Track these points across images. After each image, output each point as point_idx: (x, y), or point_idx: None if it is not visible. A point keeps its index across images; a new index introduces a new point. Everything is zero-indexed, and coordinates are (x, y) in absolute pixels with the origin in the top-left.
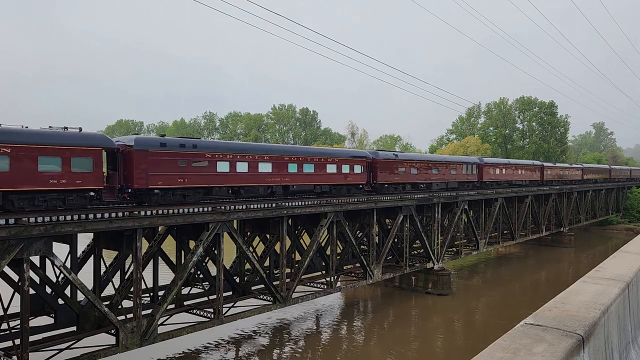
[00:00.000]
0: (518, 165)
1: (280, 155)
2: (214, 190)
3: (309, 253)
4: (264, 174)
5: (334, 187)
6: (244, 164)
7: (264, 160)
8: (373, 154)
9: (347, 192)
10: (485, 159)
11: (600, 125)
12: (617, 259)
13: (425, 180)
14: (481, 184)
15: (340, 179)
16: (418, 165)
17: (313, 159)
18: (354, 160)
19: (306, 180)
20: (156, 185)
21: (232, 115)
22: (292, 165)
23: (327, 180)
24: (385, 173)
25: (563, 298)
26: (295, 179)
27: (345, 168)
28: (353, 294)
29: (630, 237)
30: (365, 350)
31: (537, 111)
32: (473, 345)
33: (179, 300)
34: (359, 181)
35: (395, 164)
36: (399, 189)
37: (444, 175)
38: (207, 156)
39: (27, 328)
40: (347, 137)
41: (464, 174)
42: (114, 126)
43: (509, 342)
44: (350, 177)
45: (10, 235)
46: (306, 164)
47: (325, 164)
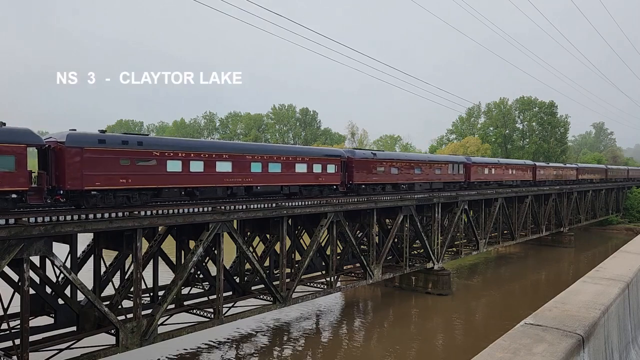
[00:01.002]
0: (508, 165)
1: (242, 153)
2: (163, 191)
3: (309, 253)
4: (222, 174)
5: (304, 188)
6: (199, 162)
7: (223, 159)
8: (349, 152)
9: (320, 194)
10: (473, 158)
11: (600, 125)
12: (617, 259)
13: (407, 181)
14: (469, 184)
15: (311, 180)
16: (399, 165)
17: (280, 157)
18: (327, 159)
19: (272, 181)
20: (93, 186)
21: (232, 115)
22: (256, 164)
23: (296, 180)
24: (362, 173)
25: (563, 298)
26: (259, 179)
27: (317, 167)
28: (353, 294)
29: (630, 237)
30: (365, 350)
31: (537, 111)
32: (473, 345)
33: (179, 300)
34: (332, 182)
35: (373, 164)
36: (378, 189)
37: (427, 175)
38: (154, 154)
39: (27, 328)
40: (347, 137)
41: (450, 173)
42: (114, 126)
43: (509, 342)
44: (322, 177)
45: (10, 235)
46: (272, 163)
47: (293, 163)
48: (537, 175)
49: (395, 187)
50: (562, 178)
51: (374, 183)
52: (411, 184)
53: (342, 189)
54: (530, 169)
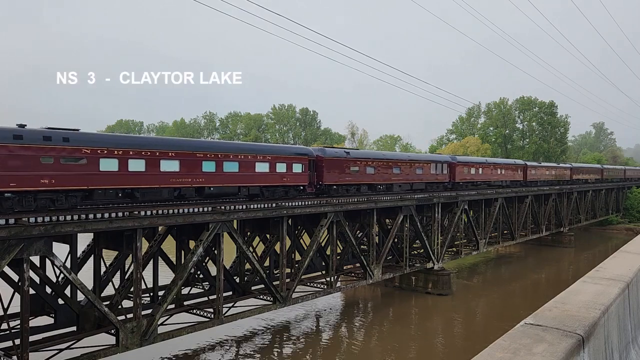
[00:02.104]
0: (497, 164)
1: (191, 151)
2: (95, 193)
3: (309, 253)
4: (168, 174)
5: (266, 189)
6: (140, 161)
7: (168, 157)
8: (319, 150)
9: (285, 195)
10: (459, 157)
11: (600, 125)
12: (617, 259)
13: (384, 181)
14: (453, 184)
15: (274, 180)
16: (376, 164)
17: (237, 156)
18: (292, 158)
19: (228, 181)
20: (7, 187)
21: (232, 115)
22: (208, 163)
23: (256, 181)
24: (333, 173)
25: (563, 298)
26: (212, 179)
27: (281, 167)
28: (353, 294)
29: (630, 237)
30: (365, 350)
31: (537, 111)
32: (473, 345)
33: (179, 300)
34: (299, 182)
35: (346, 163)
36: (352, 190)
37: (407, 175)
38: (84, 152)
39: (27, 328)
40: (347, 137)
41: (433, 173)
42: (114, 126)
43: (509, 342)
44: (287, 177)
45: (10, 235)
46: (227, 162)
47: (253, 162)
48: (528, 175)
49: (371, 188)
50: (555, 178)
51: (348, 184)
52: (389, 184)
53: (311, 190)
54: (520, 169)
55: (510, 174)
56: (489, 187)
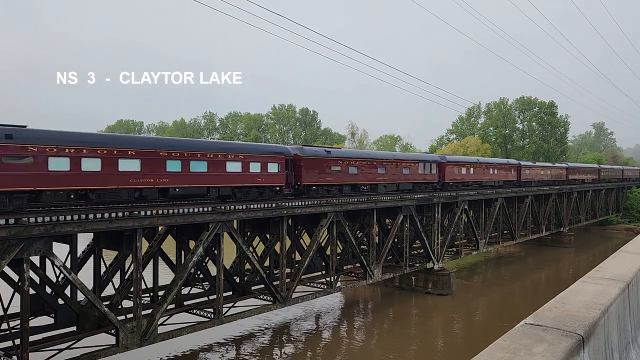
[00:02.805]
0: (489, 164)
1: (154, 149)
2: (43, 194)
3: (309, 253)
4: (127, 174)
5: (238, 190)
6: (94, 160)
7: (128, 156)
8: (297, 149)
9: (260, 196)
10: (449, 156)
11: (600, 125)
12: (617, 259)
13: (368, 181)
14: (443, 185)
15: (246, 180)
16: (359, 164)
17: (205, 155)
18: (267, 157)
19: (195, 182)
20: None
21: (232, 115)
22: (173, 162)
23: (227, 181)
24: (313, 172)
25: (563, 298)
26: (177, 179)
27: (255, 166)
28: (353, 294)
29: (630, 237)
30: (365, 350)
31: (537, 111)
32: (473, 345)
33: (179, 300)
34: (274, 182)
35: (327, 162)
36: (334, 191)
37: (394, 175)
38: (30, 150)
39: (27, 328)
40: (347, 137)
41: (421, 173)
42: (114, 126)
43: (509, 342)
44: (261, 177)
45: (10, 235)
46: (195, 161)
47: (224, 161)
48: (522, 175)
49: (354, 188)
50: (551, 178)
51: (328, 184)
52: (374, 184)
53: (288, 190)
54: (514, 169)
55: (503, 174)
56: (481, 188)
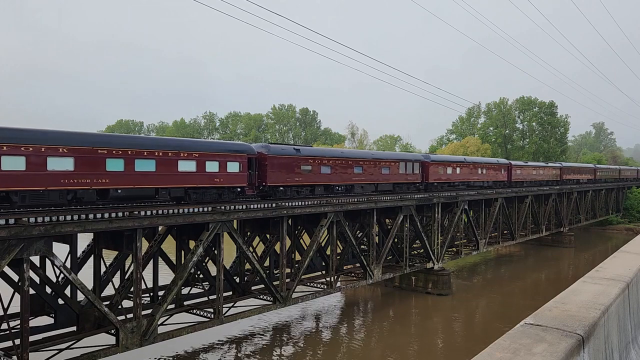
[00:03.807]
0: (477, 163)
1: (91, 146)
2: None
3: (309, 253)
4: (58, 174)
5: (193, 191)
6: (18, 159)
7: (59, 154)
8: (262, 147)
9: (219, 198)
10: (433, 156)
11: (600, 125)
12: (617, 259)
13: (343, 182)
14: (427, 185)
15: (202, 181)
16: (332, 163)
17: (153, 153)
18: (227, 155)
19: (141, 182)
20: None
21: (232, 115)
22: (114, 161)
23: (179, 181)
24: (280, 172)
25: (563, 298)
26: (120, 180)
27: (212, 166)
28: (353, 294)
29: (630, 237)
30: (365, 350)
31: (537, 111)
32: (473, 345)
33: (179, 300)
34: (235, 183)
35: (296, 161)
36: (304, 192)
37: (371, 175)
38: None
39: (27, 328)
40: (347, 137)
41: (402, 173)
42: (114, 126)
43: (509, 342)
44: (220, 177)
45: (10, 235)
46: (140, 159)
47: (175, 159)
48: (513, 175)
49: (328, 189)
50: (544, 178)
51: (298, 185)
52: (349, 185)
53: (251, 192)
54: (504, 169)
55: (492, 174)
56: (469, 188)
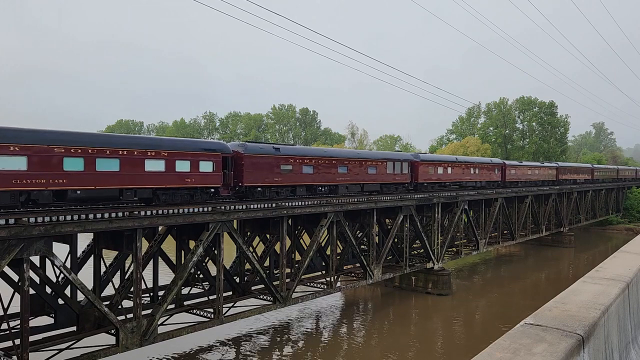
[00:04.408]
0: (469, 163)
1: (47, 144)
2: None
3: (309, 253)
4: (8, 174)
5: (162, 192)
6: None
7: (9, 153)
8: (239, 146)
9: (191, 199)
10: (422, 155)
11: (600, 125)
12: (617, 259)
13: (327, 182)
14: (416, 185)
15: (172, 181)
16: (315, 163)
17: (117, 151)
18: (199, 154)
19: (103, 183)
20: None
21: (232, 115)
22: (73, 160)
23: (146, 182)
24: (257, 172)
25: (563, 298)
26: (79, 180)
27: (183, 165)
28: (353, 294)
29: (630, 237)
30: (365, 350)
31: (537, 111)
32: (473, 345)
33: (179, 300)
34: (208, 183)
35: (275, 161)
36: (284, 193)
37: (357, 175)
38: None
39: (27, 328)
40: (347, 137)
41: (390, 173)
42: (113, 126)
43: (509, 342)
44: (191, 177)
45: (10, 235)
46: (102, 158)
47: (142, 158)
48: (507, 175)
49: (310, 189)
50: (539, 179)
51: (277, 185)
52: (333, 185)
53: (226, 192)
54: (498, 168)
55: (486, 174)
56: (461, 188)
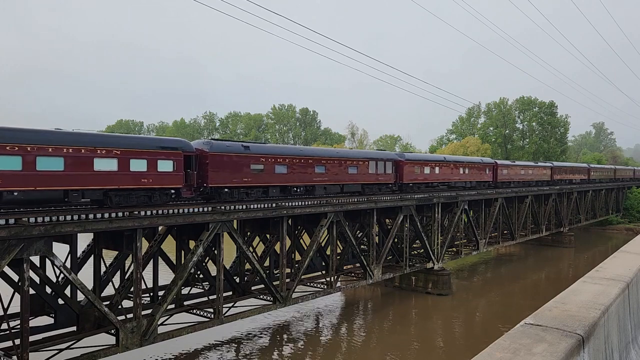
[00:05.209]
0: (458, 163)
1: None
2: None
3: (309, 253)
4: None
5: (116, 193)
6: None
7: None
8: (204, 144)
9: (148, 200)
10: (407, 154)
11: (600, 125)
12: (617, 259)
13: (303, 182)
14: (400, 186)
15: (126, 181)
16: (289, 162)
17: (61, 149)
18: (157, 153)
19: (45, 183)
20: None
21: (232, 115)
22: (8, 159)
23: (95, 182)
24: (224, 172)
25: (563, 298)
26: (15, 181)
27: (138, 164)
28: (353, 294)
29: (630, 237)
30: (365, 350)
31: (537, 111)
32: (473, 345)
33: (179, 300)
34: (168, 184)
35: (244, 160)
36: (255, 194)
37: (336, 175)
38: None
39: (27, 328)
40: (347, 137)
41: (372, 173)
42: (113, 126)
43: (509, 342)
44: (148, 178)
45: (10, 235)
46: (43, 157)
47: (91, 157)
48: (498, 175)
49: (285, 190)
50: (533, 179)
51: (247, 186)
52: (310, 186)
53: (189, 193)
54: (490, 168)
55: (476, 174)
56: (450, 189)
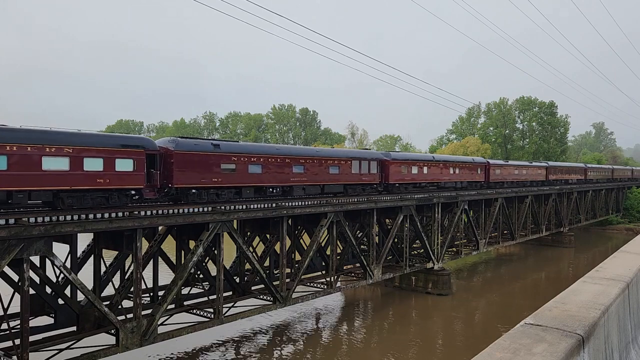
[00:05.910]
0: (448, 162)
1: None
2: None
3: (309, 253)
4: None
5: (68, 194)
6: None
7: None
8: (170, 142)
9: (106, 202)
10: (393, 153)
11: (600, 125)
12: (617, 259)
13: (279, 183)
14: (386, 186)
15: (80, 181)
16: (263, 161)
17: (4, 147)
18: (115, 151)
19: None
20: None
21: (232, 115)
22: None
23: (43, 183)
24: (191, 172)
25: (563, 298)
26: None
27: (93, 163)
28: (353, 294)
29: (630, 237)
30: (365, 350)
31: (537, 111)
32: (473, 345)
33: (179, 300)
34: (127, 184)
35: (214, 159)
36: (227, 195)
37: (315, 175)
38: None
39: (27, 328)
40: (347, 137)
41: (355, 173)
42: (113, 126)
43: (509, 342)
44: (105, 178)
45: (10, 235)
46: None
47: (38, 155)
48: (491, 175)
49: (259, 191)
50: (527, 179)
51: (217, 186)
52: (287, 187)
53: (152, 194)
54: (482, 168)
55: (467, 174)
56: (439, 189)
